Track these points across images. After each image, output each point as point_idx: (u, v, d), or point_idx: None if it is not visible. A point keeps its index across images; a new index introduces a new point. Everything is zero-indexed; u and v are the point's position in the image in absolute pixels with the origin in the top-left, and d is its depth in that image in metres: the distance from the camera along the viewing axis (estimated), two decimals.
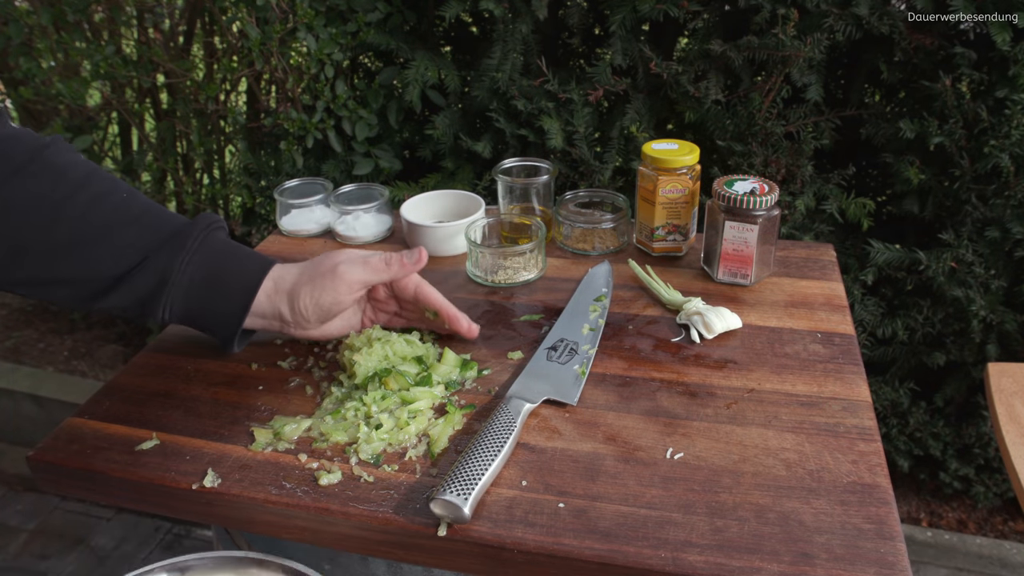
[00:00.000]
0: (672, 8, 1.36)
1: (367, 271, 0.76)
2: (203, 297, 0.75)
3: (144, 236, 0.73)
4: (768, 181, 0.92)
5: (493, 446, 0.67)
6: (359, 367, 0.75)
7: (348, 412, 0.73)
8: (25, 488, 1.99)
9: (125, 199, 0.73)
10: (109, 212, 0.72)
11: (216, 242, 0.76)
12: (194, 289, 0.74)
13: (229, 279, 0.76)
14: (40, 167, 0.70)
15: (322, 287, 0.75)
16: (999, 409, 1.03)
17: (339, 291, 0.75)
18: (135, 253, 0.72)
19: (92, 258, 0.71)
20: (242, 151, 1.72)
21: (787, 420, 0.72)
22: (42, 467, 0.73)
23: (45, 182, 0.70)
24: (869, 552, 0.58)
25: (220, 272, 0.75)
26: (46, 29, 1.67)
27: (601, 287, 0.94)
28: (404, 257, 0.77)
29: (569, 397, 0.76)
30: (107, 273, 0.72)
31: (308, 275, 0.76)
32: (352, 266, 0.76)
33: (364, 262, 0.76)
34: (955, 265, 1.38)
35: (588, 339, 0.84)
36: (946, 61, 1.33)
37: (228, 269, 0.76)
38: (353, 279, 0.75)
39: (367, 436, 0.71)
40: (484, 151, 1.53)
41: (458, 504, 0.61)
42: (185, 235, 0.74)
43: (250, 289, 0.76)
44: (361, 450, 0.70)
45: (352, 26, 1.54)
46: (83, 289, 0.72)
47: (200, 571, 0.68)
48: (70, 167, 0.72)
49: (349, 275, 0.75)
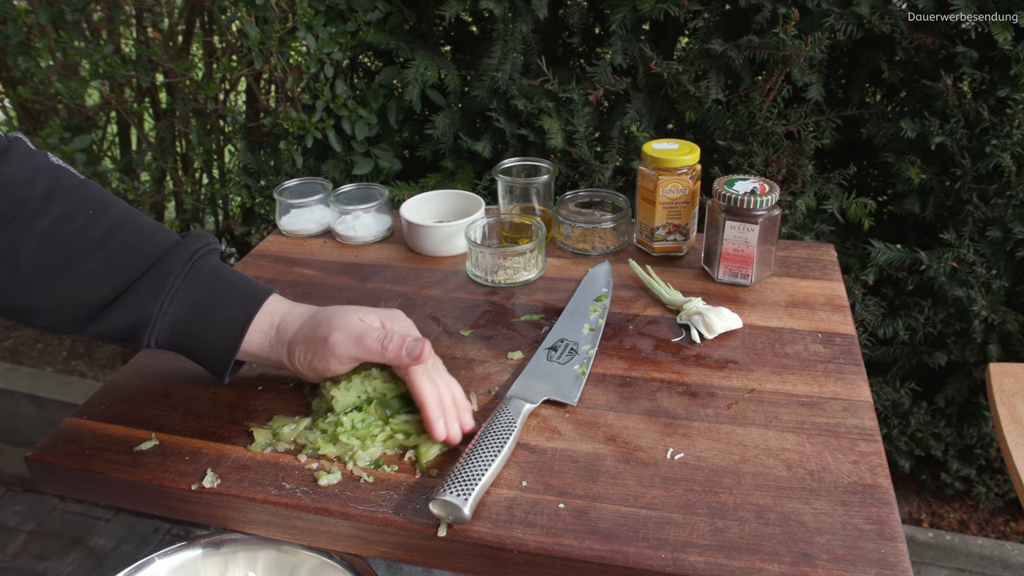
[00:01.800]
0: (672, 7, 1.36)
1: (360, 349, 0.70)
2: (188, 335, 0.71)
3: (113, 266, 0.67)
4: (769, 181, 0.91)
5: (493, 447, 0.66)
6: (337, 402, 0.72)
7: (331, 427, 0.72)
8: (24, 489, 1.98)
9: (91, 218, 0.67)
10: (69, 238, 0.66)
11: (201, 275, 0.71)
12: (178, 327, 0.70)
13: (215, 319, 0.71)
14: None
15: (314, 352, 0.71)
16: (1000, 409, 1.02)
17: (329, 362, 0.71)
18: (109, 283, 0.67)
19: (60, 288, 0.66)
20: (241, 151, 1.71)
21: (788, 420, 0.72)
22: (41, 467, 0.73)
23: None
24: (870, 553, 0.58)
25: (205, 310, 0.70)
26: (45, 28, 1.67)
27: (601, 287, 0.93)
28: (403, 349, 0.69)
29: (569, 397, 0.76)
30: (84, 302, 0.67)
31: (305, 333, 0.71)
32: (345, 340, 0.70)
33: (359, 338, 0.69)
34: (956, 265, 1.38)
35: (588, 339, 0.84)
36: (947, 60, 1.33)
37: (214, 306, 0.71)
38: (343, 354, 0.70)
39: (360, 446, 0.70)
40: (484, 151, 1.52)
41: (458, 504, 0.61)
42: (167, 270, 0.69)
43: (240, 326, 0.71)
44: (358, 458, 0.69)
45: (352, 25, 1.54)
46: (57, 318, 0.68)
47: (234, 546, 0.70)
48: (23, 188, 0.66)
49: (339, 349, 0.70)
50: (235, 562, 0.70)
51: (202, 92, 1.69)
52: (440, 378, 0.73)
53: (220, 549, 0.70)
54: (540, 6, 1.43)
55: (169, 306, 0.69)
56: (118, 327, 0.68)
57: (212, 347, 0.71)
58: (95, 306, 0.67)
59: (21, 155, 0.67)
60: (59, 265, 0.66)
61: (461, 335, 0.88)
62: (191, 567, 0.69)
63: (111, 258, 0.67)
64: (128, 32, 1.87)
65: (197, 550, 0.69)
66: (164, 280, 0.68)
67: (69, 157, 1.65)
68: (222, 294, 0.71)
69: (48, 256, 0.65)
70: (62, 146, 1.63)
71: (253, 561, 0.70)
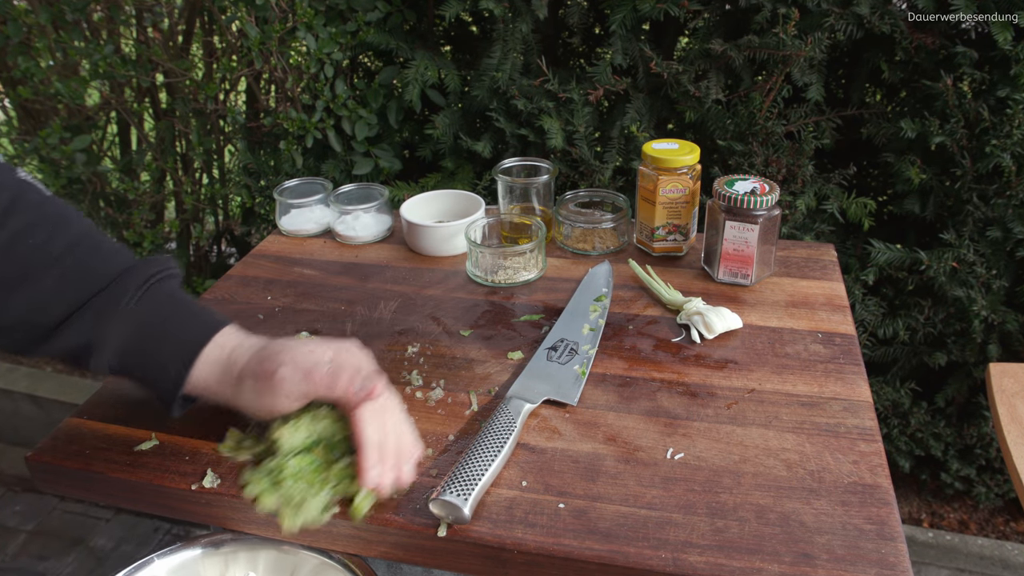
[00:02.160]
0: (672, 7, 1.36)
1: (308, 384, 0.65)
2: (139, 362, 0.68)
3: (68, 285, 0.65)
4: (769, 181, 0.91)
5: (493, 447, 0.66)
6: (282, 444, 0.67)
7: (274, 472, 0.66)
8: (24, 489, 1.98)
9: (51, 234, 0.65)
10: (27, 253, 0.64)
11: (156, 300, 0.68)
12: (129, 352, 0.67)
13: (164, 348, 0.67)
14: None
15: (261, 388, 0.66)
16: (1000, 409, 1.02)
17: (277, 398, 0.66)
18: (63, 302, 0.65)
19: (15, 305, 0.64)
20: (241, 151, 1.71)
21: (788, 420, 0.72)
22: (41, 467, 0.73)
23: None
24: (870, 553, 0.58)
25: (156, 337, 0.67)
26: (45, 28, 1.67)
27: (601, 287, 0.93)
28: (353, 384, 0.65)
29: (569, 397, 0.76)
30: (38, 321, 0.65)
31: (252, 368, 0.67)
32: (293, 375, 0.65)
33: (307, 373, 0.65)
34: (956, 265, 1.38)
35: (588, 339, 0.84)
36: (947, 60, 1.33)
37: (165, 333, 0.68)
38: (292, 390, 0.65)
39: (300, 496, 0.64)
40: (484, 151, 1.52)
41: (458, 504, 0.61)
42: (121, 292, 0.66)
43: (188, 355, 0.68)
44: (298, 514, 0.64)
45: (352, 25, 1.54)
46: (11, 337, 0.66)
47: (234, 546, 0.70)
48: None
49: (287, 385, 0.65)
50: (235, 562, 0.70)
51: (202, 92, 1.69)
52: (391, 420, 0.67)
53: (220, 549, 0.70)
54: (540, 6, 1.43)
55: (120, 329, 0.66)
56: (69, 347, 0.65)
57: (160, 377, 0.68)
58: (48, 326, 0.65)
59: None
60: (16, 280, 0.64)
61: (461, 335, 0.88)
62: (191, 567, 0.69)
63: (66, 276, 0.65)
64: (128, 32, 1.87)
65: (197, 550, 0.69)
66: (116, 302, 0.65)
67: (69, 157, 1.65)
68: (174, 321, 0.68)
69: (4, 271, 0.64)
70: (62, 146, 1.63)
71: (253, 561, 0.70)
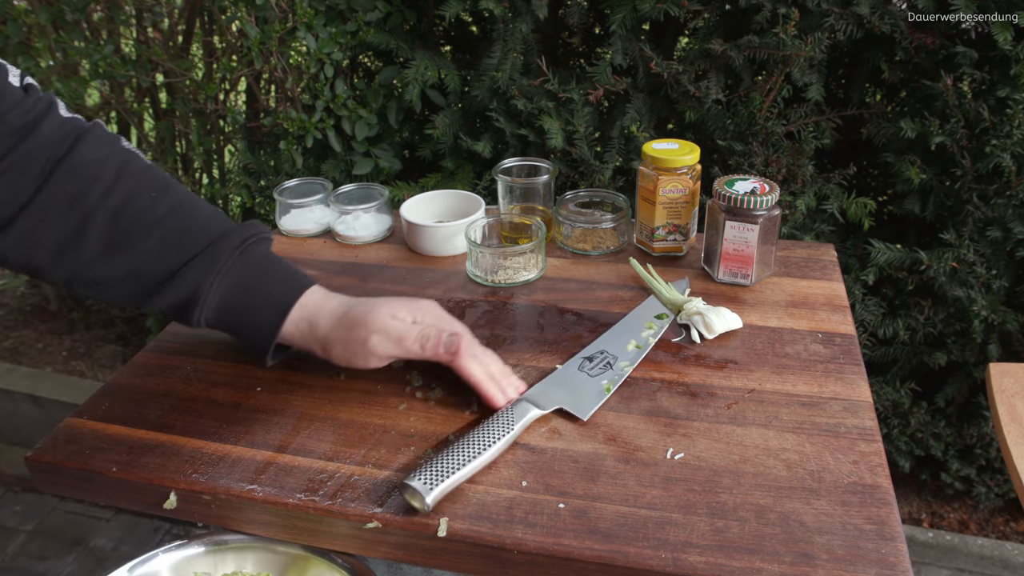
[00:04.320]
0: (672, 7, 1.36)
1: (399, 349, 0.74)
2: (234, 317, 0.76)
3: (172, 243, 0.73)
4: (769, 181, 0.91)
5: (479, 444, 0.67)
6: None
7: None
8: (24, 488, 1.98)
9: (154, 199, 0.73)
10: (134, 216, 0.72)
11: (251, 260, 0.76)
12: (225, 308, 0.75)
13: (259, 304, 0.75)
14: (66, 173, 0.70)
15: (353, 352, 0.75)
16: (1000, 409, 1.02)
17: (369, 360, 0.75)
18: (165, 261, 0.73)
19: (121, 264, 0.72)
20: (241, 151, 1.71)
21: (788, 420, 0.72)
22: (41, 467, 0.73)
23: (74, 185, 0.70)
24: (870, 553, 0.58)
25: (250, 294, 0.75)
26: (45, 28, 1.67)
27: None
28: (440, 345, 0.74)
29: (582, 412, 0.73)
30: (143, 277, 0.73)
31: (341, 335, 0.75)
32: (385, 342, 0.74)
33: (398, 340, 0.74)
34: (956, 265, 1.38)
35: (630, 356, 0.81)
36: (947, 60, 1.33)
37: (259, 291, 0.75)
38: (383, 354, 0.75)
39: None
40: (484, 151, 1.52)
41: (420, 491, 0.62)
42: (219, 252, 0.74)
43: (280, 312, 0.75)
44: None
45: (352, 25, 1.54)
46: (122, 291, 0.74)
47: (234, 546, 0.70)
48: (96, 167, 0.71)
49: (379, 350, 0.74)
50: (235, 561, 0.70)
51: (202, 92, 1.69)
52: (481, 355, 0.76)
53: (220, 549, 0.70)
54: (540, 6, 1.43)
55: (219, 286, 0.73)
56: (172, 303, 0.73)
57: (255, 330, 0.76)
58: (152, 282, 0.73)
59: (98, 138, 0.73)
60: (123, 241, 0.71)
61: None
62: (191, 566, 0.69)
63: (167, 237, 0.73)
64: (128, 32, 1.88)
65: (197, 549, 0.69)
66: (216, 261, 0.73)
67: None
68: (268, 281, 0.76)
69: (114, 233, 0.71)
70: None
71: (253, 561, 0.70)
